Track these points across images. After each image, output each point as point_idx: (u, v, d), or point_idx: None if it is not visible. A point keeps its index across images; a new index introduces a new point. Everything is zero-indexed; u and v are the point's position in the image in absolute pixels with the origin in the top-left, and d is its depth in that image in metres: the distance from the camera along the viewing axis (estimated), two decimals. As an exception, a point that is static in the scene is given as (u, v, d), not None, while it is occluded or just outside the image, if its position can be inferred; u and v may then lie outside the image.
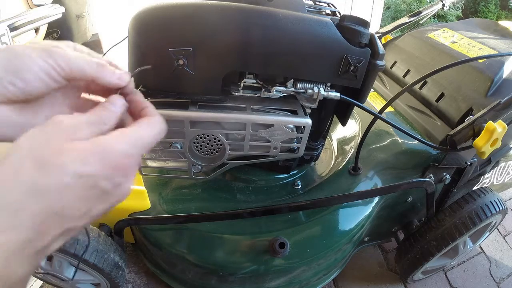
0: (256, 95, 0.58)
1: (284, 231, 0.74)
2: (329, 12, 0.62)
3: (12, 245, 0.20)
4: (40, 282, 0.93)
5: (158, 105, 0.56)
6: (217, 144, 0.61)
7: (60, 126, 0.23)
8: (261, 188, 0.83)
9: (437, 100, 0.88)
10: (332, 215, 0.78)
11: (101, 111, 0.27)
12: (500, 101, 0.71)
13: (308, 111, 0.61)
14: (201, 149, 0.61)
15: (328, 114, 0.71)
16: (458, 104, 0.83)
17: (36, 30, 1.55)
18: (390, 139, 0.86)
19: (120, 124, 0.28)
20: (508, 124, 0.64)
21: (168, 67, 0.49)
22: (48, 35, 1.76)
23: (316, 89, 0.56)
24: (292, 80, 0.57)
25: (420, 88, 0.95)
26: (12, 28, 1.31)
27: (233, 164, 0.65)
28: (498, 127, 0.62)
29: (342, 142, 0.98)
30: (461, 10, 3.52)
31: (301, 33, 0.50)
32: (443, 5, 1.23)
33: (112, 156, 0.24)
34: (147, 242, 0.79)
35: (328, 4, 0.67)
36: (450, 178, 0.83)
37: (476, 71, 0.84)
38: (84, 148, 0.23)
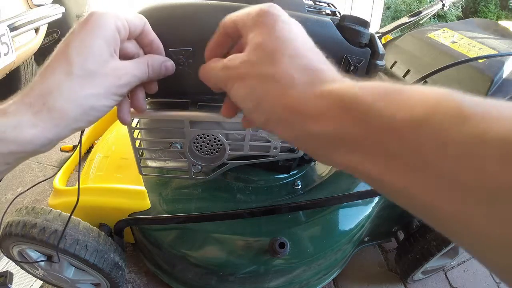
0: (256, 95, 0.58)
1: (284, 231, 0.74)
2: (329, 12, 0.62)
3: None
4: (40, 282, 0.93)
5: (158, 105, 0.56)
6: (217, 144, 0.61)
7: None
8: (261, 188, 0.83)
9: (437, 100, 0.88)
10: (332, 215, 0.78)
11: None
12: (500, 101, 0.71)
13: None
14: (201, 149, 0.61)
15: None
16: (458, 104, 0.82)
17: (36, 30, 1.55)
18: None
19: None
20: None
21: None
22: (48, 35, 1.76)
23: (316, 89, 0.56)
24: (292, 80, 0.56)
25: (420, 88, 0.95)
26: (12, 28, 1.31)
27: (233, 164, 0.65)
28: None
29: (342, 142, 0.97)
30: (461, 10, 3.52)
31: (301, 33, 0.50)
32: (443, 5, 1.23)
33: None
34: (147, 242, 0.79)
35: (328, 4, 0.67)
36: (450, 178, 0.83)
37: (476, 71, 0.84)
38: None
